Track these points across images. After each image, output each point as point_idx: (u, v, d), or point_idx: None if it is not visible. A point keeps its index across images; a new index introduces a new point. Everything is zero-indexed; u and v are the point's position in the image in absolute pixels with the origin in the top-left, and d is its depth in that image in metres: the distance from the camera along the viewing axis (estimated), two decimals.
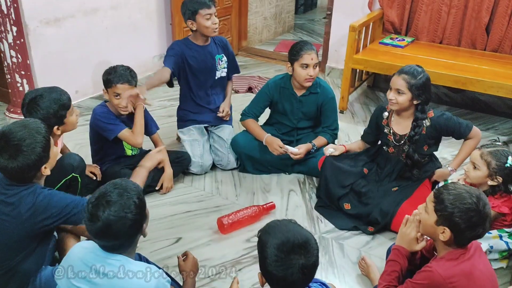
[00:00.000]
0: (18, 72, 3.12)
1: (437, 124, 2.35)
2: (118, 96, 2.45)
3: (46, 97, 2.05)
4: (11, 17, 2.96)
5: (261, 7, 5.21)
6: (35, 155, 1.61)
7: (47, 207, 1.64)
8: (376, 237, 2.37)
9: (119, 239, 1.41)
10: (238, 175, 2.87)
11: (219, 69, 2.94)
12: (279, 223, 1.41)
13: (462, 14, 3.62)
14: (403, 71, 2.32)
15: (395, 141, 2.44)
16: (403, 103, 2.31)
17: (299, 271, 1.30)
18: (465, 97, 3.92)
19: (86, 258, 1.43)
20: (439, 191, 1.63)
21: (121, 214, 1.37)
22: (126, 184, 1.45)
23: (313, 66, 2.62)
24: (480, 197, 1.57)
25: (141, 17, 3.93)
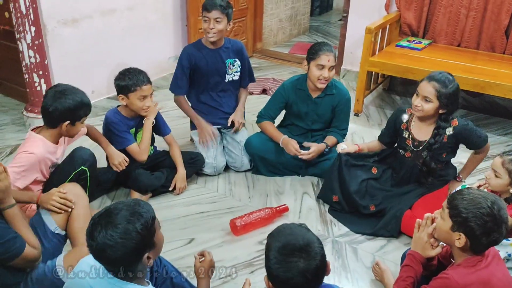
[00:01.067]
0: (36, 72, 3.16)
1: (459, 134, 2.30)
2: (142, 98, 2.46)
3: (79, 93, 2.14)
4: (30, 18, 3.00)
5: (276, 9, 5.20)
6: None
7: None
8: (391, 241, 2.34)
9: (114, 264, 1.31)
10: (251, 177, 2.86)
11: (229, 72, 2.92)
12: (285, 226, 1.40)
13: (481, 17, 3.56)
14: (434, 78, 2.23)
15: (413, 147, 2.40)
16: (429, 111, 2.25)
17: (300, 275, 1.28)
18: (483, 101, 3.85)
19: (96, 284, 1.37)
20: (453, 196, 1.60)
21: (117, 240, 1.27)
22: (137, 208, 1.34)
23: (329, 68, 2.59)
24: (495, 202, 1.53)
25: (157, 18, 3.96)
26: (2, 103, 3.70)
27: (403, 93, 4.08)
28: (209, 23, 2.68)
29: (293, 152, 2.68)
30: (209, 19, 2.68)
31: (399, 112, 2.47)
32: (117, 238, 1.27)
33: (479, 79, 3.15)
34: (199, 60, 2.82)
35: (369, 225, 2.41)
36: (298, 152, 2.66)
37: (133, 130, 2.60)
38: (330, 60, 2.58)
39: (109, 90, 3.70)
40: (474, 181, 2.63)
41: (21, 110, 3.42)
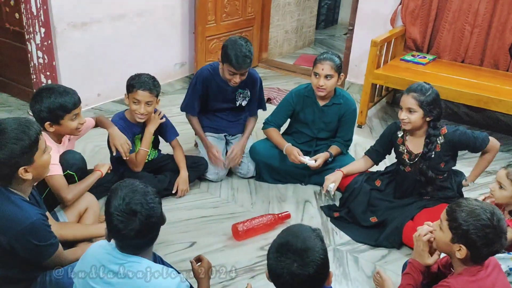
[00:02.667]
0: (44, 73, 3.20)
1: (451, 140, 2.32)
2: (136, 102, 2.46)
3: (54, 93, 2.07)
4: (40, 19, 3.05)
5: (282, 20, 5.26)
6: (9, 152, 1.51)
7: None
8: (392, 251, 2.34)
9: (153, 230, 1.42)
10: (254, 184, 2.87)
11: (238, 99, 2.92)
12: (298, 226, 1.42)
13: (485, 34, 3.61)
14: (411, 89, 2.30)
15: (409, 160, 2.42)
16: (416, 121, 2.29)
17: (289, 276, 1.29)
18: (485, 117, 3.88)
19: (104, 259, 1.43)
20: (451, 208, 1.61)
21: (155, 199, 1.42)
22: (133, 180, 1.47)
23: (324, 77, 2.61)
24: (494, 212, 1.54)
25: (166, 25, 4.00)
26: (8, 103, 3.73)
27: None
28: (236, 77, 2.66)
29: (296, 160, 2.69)
30: (236, 74, 2.64)
31: (394, 128, 2.49)
32: (155, 199, 1.42)
33: (482, 95, 3.18)
34: (211, 84, 2.82)
35: (371, 236, 2.41)
36: (301, 160, 2.67)
37: (138, 136, 2.61)
38: (324, 68, 2.60)
39: (115, 94, 3.73)
40: (476, 195, 2.63)
41: (26, 110, 3.44)
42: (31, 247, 1.59)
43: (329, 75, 2.62)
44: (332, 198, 2.74)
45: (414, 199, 2.45)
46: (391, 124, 2.55)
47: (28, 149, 1.55)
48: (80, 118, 2.16)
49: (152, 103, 2.49)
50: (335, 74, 2.63)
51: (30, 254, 1.63)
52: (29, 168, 1.57)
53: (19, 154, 1.53)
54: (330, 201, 2.74)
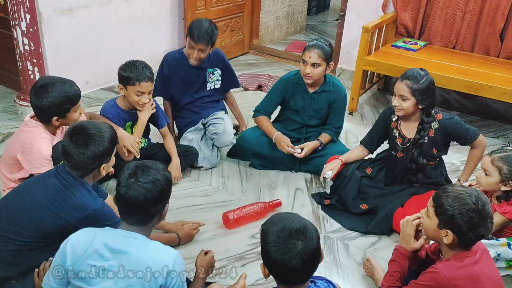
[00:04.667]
0: (30, 60, 3.13)
1: (444, 127, 2.31)
2: (140, 93, 2.44)
3: (57, 86, 2.05)
4: (25, 5, 2.97)
5: (273, 6, 5.21)
6: (104, 146, 1.69)
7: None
8: (382, 238, 2.36)
9: (145, 205, 1.46)
10: (245, 171, 2.87)
11: (210, 81, 2.95)
12: (281, 213, 1.46)
13: (476, 20, 3.60)
14: (405, 76, 2.28)
15: (402, 145, 2.42)
16: (408, 108, 2.28)
17: (298, 256, 1.32)
18: (476, 103, 3.89)
19: (105, 238, 1.44)
20: (437, 194, 1.63)
21: (157, 177, 1.48)
22: (158, 163, 1.58)
23: (311, 65, 2.60)
24: (479, 197, 1.56)
25: (154, 11, 3.94)
26: None
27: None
28: (194, 52, 2.74)
29: (285, 150, 2.68)
30: (194, 48, 2.73)
31: (389, 112, 2.49)
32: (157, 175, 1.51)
33: (473, 81, 3.18)
34: (179, 72, 2.85)
35: (362, 223, 2.42)
36: (290, 150, 2.67)
37: (129, 123, 2.58)
38: (311, 56, 2.59)
39: (104, 81, 3.68)
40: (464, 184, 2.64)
41: (13, 98, 3.39)
42: (103, 226, 1.66)
43: (316, 64, 2.60)
44: (323, 186, 2.75)
45: (404, 186, 2.46)
46: (385, 109, 2.54)
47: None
48: (80, 108, 2.17)
49: (152, 90, 2.49)
50: (322, 62, 2.61)
51: None
52: (106, 166, 1.76)
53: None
54: (321, 188, 2.74)
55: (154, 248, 1.47)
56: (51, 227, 1.66)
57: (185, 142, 2.88)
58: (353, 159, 2.60)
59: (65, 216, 1.65)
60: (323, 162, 2.69)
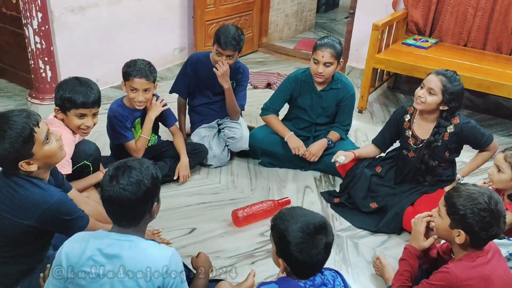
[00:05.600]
0: (42, 58, 3.16)
1: (461, 132, 2.29)
2: (134, 90, 2.43)
3: (73, 84, 2.08)
4: (37, 3, 3.00)
5: (283, 4, 5.19)
6: (2, 150, 1.51)
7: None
8: (392, 237, 2.34)
9: (131, 206, 1.40)
10: (254, 169, 2.87)
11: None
12: (291, 209, 1.47)
13: (488, 17, 3.55)
14: (441, 72, 2.25)
15: (415, 145, 2.39)
16: (431, 104, 2.24)
17: (322, 251, 1.38)
18: (487, 101, 3.85)
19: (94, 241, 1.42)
20: (449, 194, 1.62)
21: (139, 177, 1.40)
22: (144, 159, 1.50)
23: (324, 64, 2.59)
24: (491, 196, 1.54)
25: (164, 9, 3.95)
26: (7, 89, 3.70)
27: (408, 91, 4.07)
28: (222, 58, 2.71)
29: (297, 151, 2.70)
30: (222, 54, 2.70)
31: (401, 111, 2.46)
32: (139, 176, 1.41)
33: (485, 79, 3.15)
34: (201, 70, 2.85)
35: (371, 221, 2.41)
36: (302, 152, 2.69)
37: (138, 120, 2.59)
38: (324, 56, 2.57)
39: (114, 79, 3.70)
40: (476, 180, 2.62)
41: (25, 96, 3.42)
42: (63, 222, 1.62)
43: (328, 63, 2.59)
44: (332, 184, 2.74)
45: (414, 185, 2.44)
46: (398, 108, 2.52)
47: (21, 146, 1.52)
48: (88, 121, 2.12)
49: (150, 89, 2.47)
50: (334, 61, 2.60)
51: (64, 230, 1.66)
52: (31, 160, 1.57)
53: (12, 152, 1.52)
54: (331, 187, 2.74)
55: (148, 247, 1.42)
56: (15, 234, 1.59)
57: (197, 138, 2.89)
58: (365, 155, 2.58)
59: (21, 219, 1.56)
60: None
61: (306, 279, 1.42)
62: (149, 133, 2.57)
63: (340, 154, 2.51)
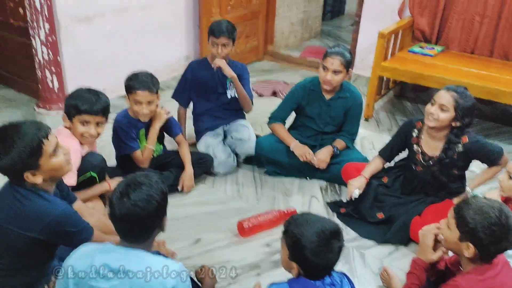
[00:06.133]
0: (49, 69, 3.19)
1: (469, 151, 2.26)
2: (138, 103, 2.44)
3: (81, 91, 2.15)
4: (44, 14, 3.03)
5: (288, 12, 5.20)
6: (9, 160, 1.51)
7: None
8: (399, 248, 2.32)
9: (142, 223, 1.40)
10: (259, 179, 2.86)
11: (230, 89, 2.97)
12: (304, 215, 1.53)
13: (495, 25, 3.53)
14: (452, 88, 2.22)
15: (423, 161, 2.37)
16: (444, 120, 2.20)
17: (337, 254, 1.46)
18: (495, 109, 3.82)
19: (105, 257, 1.41)
20: (459, 206, 1.59)
21: (150, 193, 1.40)
22: (152, 174, 1.51)
23: (332, 72, 2.59)
24: (502, 210, 1.52)
25: (170, 18, 3.97)
26: (14, 99, 3.73)
27: (414, 99, 4.05)
28: (217, 48, 2.78)
29: (303, 158, 2.69)
30: (217, 44, 2.77)
31: (409, 126, 2.43)
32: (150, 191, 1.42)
33: (492, 87, 3.12)
34: (202, 77, 2.91)
35: (378, 232, 2.39)
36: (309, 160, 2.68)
37: (143, 131, 2.59)
38: (333, 63, 2.57)
39: (120, 89, 3.68)
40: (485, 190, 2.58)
41: (32, 106, 3.45)
42: (67, 234, 1.62)
43: (338, 71, 2.59)
44: (338, 194, 2.72)
45: (421, 195, 2.41)
46: (407, 122, 2.48)
47: (28, 156, 1.52)
48: (91, 128, 2.13)
49: (154, 101, 2.47)
50: (343, 70, 2.60)
51: (68, 242, 1.65)
52: (36, 172, 1.57)
53: (19, 162, 1.52)
54: (337, 196, 2.72)
55: (157, 262, 1.41)
56: (20, 246, 1.58)
57: (203, 146, 2.89)
58: (375, 172, 2.54)
59: (26, 231, 1.55)
60: (338, 169, 2.67)
61: (317, 280, 1.47)
62: (154, 143, 2.57)
63: (353, 188, 2.43)
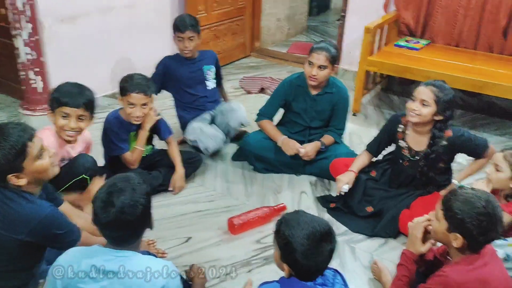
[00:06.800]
0: (33, 69, 3.14)
1: (453, 145, 2.28)
2: (132, 105, 2.41)
3: (64, 86, 2.11)
4: (26, 14, 2.98)
5: (274, 8, 5.19)
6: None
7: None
8: (389, 241, 2.33)
9: (130, 227, 1.39)
10: (249, 176, 2.85)
11: (209, 79, 3.06)
12: (296, 215, 1.47)
13: (479, 17, 3.57)
14: (431, 83, 2.24)
15: (410, 156, 2.39)
16: (426, 115, 2.22)
17: (329, 256, 1.42)
18: (481, 101, 3.86)
19: (94, 258, 1.40)
20: (446, 198, 1.61)
21: (135, 198, 1.38)
22: (132, 175, 1.48)
23: (318, 67, 2.59)
24: (489, 200, 1.54)
25: (155, 17, 3.94)
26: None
27: (401, 93, 4.08)
28: (184, 41, 2.88)
29: (292, 151, 2.68)
30: (183, 38, 2.87)
31: (395, 121, 2.44)
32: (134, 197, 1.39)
33: (477, 79, 3.16)
34: (178, 71, 2.97)
35: (368, 226, 2.40)
36: (297, 151, 2.67)
37: (133, 133, 2.56)
38: (319, 59, 2.58)
39: (106, 88, 3.68)
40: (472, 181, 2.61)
41: (16, 107, 3.40)
42: (54, 237, 1.60)
43: (323, 66, 2.60)
44: (328, 189, 2.73)
45: (409, 188, 2.43)
46: (392, 117, 2.49)
47: (12, 158, 1.51)
48: (71, 122, 2.07)
49: (148, 104, 2.44)
50: (329, 65, 2.61)
51: (56, 244, 1.64)
52: (20, 174, 1.55)
53: (3, 164, 1.50)
54: (326, 191, 2.72)
55: (146, 262, 1.40)
56: (7, 249, 1.57)
57: (190, 130, 2.91)
58: (363, 167, 2.54)
59: (13, 234, 1.53)
60: (327, 164, 2.68)
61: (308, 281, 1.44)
62: (143, 144, 2.55)
63: (342, 184, 2.41)
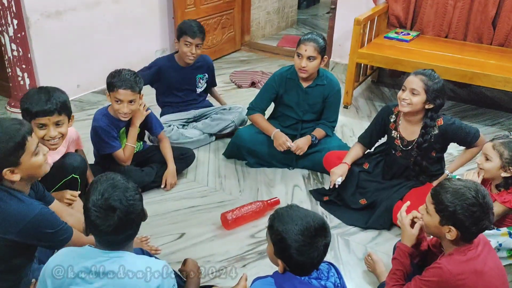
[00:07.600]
0: (19, 66, 3.09)
1: (445, 133, 2.28)
2: (119, 101, 2.37)
3: (32, 93, 1.94)
4: (11, 10, 2.92)
5: (264, 1, 5.17)
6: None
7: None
8: (382, 233, 2.34)
9: (133, 226, 1.38)
10: (242, 170, 2.84)
11: (199, 86, 3.17)
12: (289, 210, 1.45)
13: (468, 8, 3.57)
14: (420, 72, 2.25)
15: (402, 146, 2.39)
16: (417, 104, 2.22)
17: (322, 252, 1.39)
18: (471, 92, 3.88)
19: (84, 260, 1.37)
20: (436, 191, 1.60)
21: (131, 195, 1.36)
22: (111, 174, 1.42)
23: (307, 58, 2.59)
24: (478, 190, 1.54)
25: (144, 11, 3.89)
26: None
27: (392, 85, 4.08)
28: (192, 48, 2.90)
29: (281, 148, 2.68)
30: (191, 44, 2.90)
31: (387, 112, 2.44)
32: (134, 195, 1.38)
33: (467, 70, 3.17)
34: (170, 75, 3.01)
35: (361, 218, 2.41)
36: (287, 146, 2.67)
37: (123, 129, 2.53)
38: (307, 50, 2.57)
39: (95, 84, 3.64)
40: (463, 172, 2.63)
41: (4, 105, 3.34)
42: (45, 236, 1.57)
43: (312, 57, 2.58)
44: (321, 182, 2.73)
45: (403, 179, 2.44)
46: (384, 107, 2.50)
47: (11, 151, 1.49)
48: (50, 131, 1.94)
49: (135, 100, 2.40)
50: (318, 56, 2.59)
51: (47, 243, 1.61)
52: (16, 169, 1.53)
53: (1, 155, 1.48)
54: (319, 184, 2.72)
55: (140, 262, 1.38)
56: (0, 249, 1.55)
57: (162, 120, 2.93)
58: (356, 159, 2.54)
59: (2, 234, 1.51)
60: (320, 157, 2.68)
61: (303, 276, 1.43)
62: (135, 141, 2.52)
63: (336, 176, 2.41)
